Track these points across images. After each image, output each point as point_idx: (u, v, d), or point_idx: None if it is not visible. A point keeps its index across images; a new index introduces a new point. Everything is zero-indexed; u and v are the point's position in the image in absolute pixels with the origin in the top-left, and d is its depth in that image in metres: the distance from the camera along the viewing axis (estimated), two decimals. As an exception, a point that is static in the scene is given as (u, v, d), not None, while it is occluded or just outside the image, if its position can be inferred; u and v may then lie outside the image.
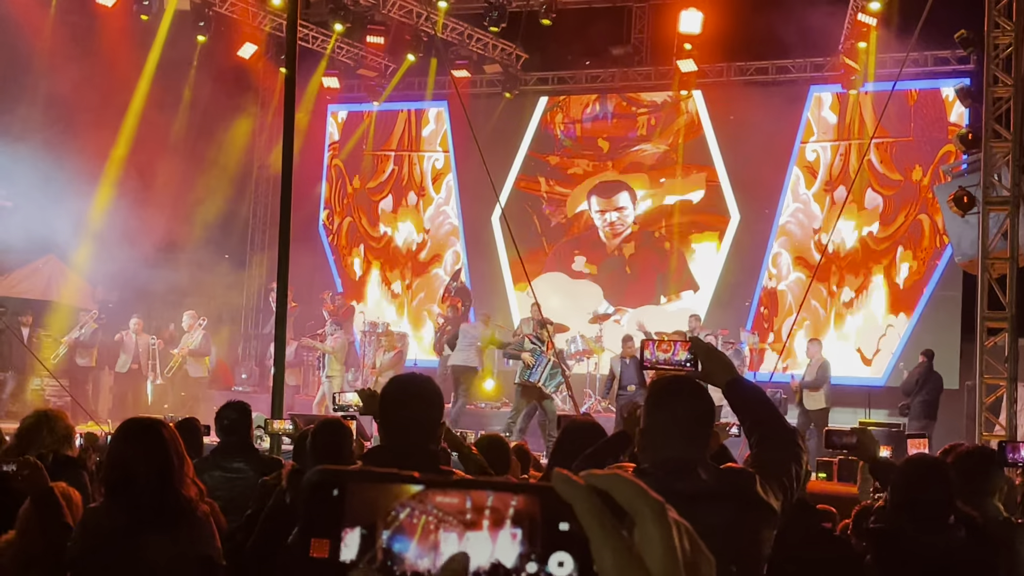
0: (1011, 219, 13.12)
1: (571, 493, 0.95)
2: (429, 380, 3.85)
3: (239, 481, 6.57)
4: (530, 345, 15.95)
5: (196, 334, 18.89)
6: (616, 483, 0.98)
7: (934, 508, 4.36)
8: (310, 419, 12.13)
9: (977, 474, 4.61)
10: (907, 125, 19.00)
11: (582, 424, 5.35)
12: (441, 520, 0.97)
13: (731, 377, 3.36)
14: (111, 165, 19.41)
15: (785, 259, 19.80)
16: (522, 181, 21.54)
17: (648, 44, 21.15)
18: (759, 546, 3.12)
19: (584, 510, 0.94)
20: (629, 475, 0.99)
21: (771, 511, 3.09)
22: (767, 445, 3.28)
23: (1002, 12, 13.45)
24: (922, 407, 15.58)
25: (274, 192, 22.02)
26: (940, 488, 4.40)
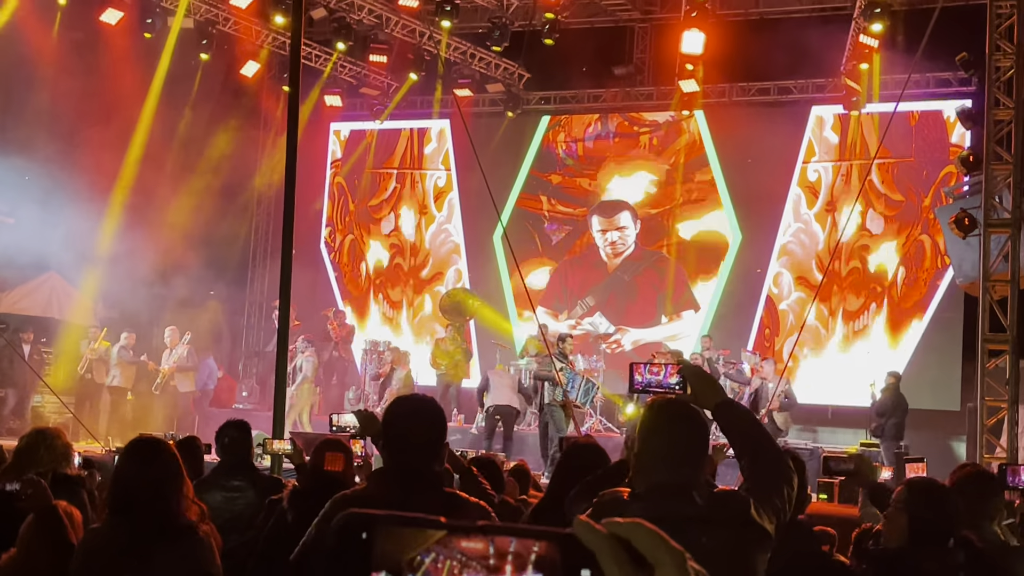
0: (1012, 241, 13.14)
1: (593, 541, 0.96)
2: (432, 400, 3.87)
3: (239, 500, 6.57)
4: (558, 364, 15.98)
5: (180, 349, 18.86)
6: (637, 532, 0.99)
7: (934, 531, 4.37)
8: (311, 439, 12.15)
9: (977, 498, 4.62)
10: (908, 146, 19.03)
11: (584, 446, 5.36)
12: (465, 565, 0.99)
13: (720, 400, 3.38)
14: (114, 183, 19.43)
15: (786, 279, 19.81)
16: (524, 199, 21.58)
17: (650, 64, 21.21)
18: (754, 569, 3.13)
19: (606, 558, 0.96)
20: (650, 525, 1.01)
21: (766, 534, 3.10)
22: (759, 468, 3.28)
23: (1003, 35, 13.51)
24: (895, 429, 15.76)
25: (275, 209, 22.07)
26: (940, 511, 4.41)
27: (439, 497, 3.61)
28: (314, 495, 3.97)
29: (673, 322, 20.38)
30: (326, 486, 4.55)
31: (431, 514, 3.15)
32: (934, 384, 18.33)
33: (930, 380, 18.38)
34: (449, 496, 3.66)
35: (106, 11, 17.76)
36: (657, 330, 20.32)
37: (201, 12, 18.93)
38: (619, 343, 20.37)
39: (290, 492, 5.28)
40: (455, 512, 3.59)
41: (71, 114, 18.48)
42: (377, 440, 5.97)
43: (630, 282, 20.87)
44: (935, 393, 18.25)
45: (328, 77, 21.23)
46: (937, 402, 18.14)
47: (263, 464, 9.63)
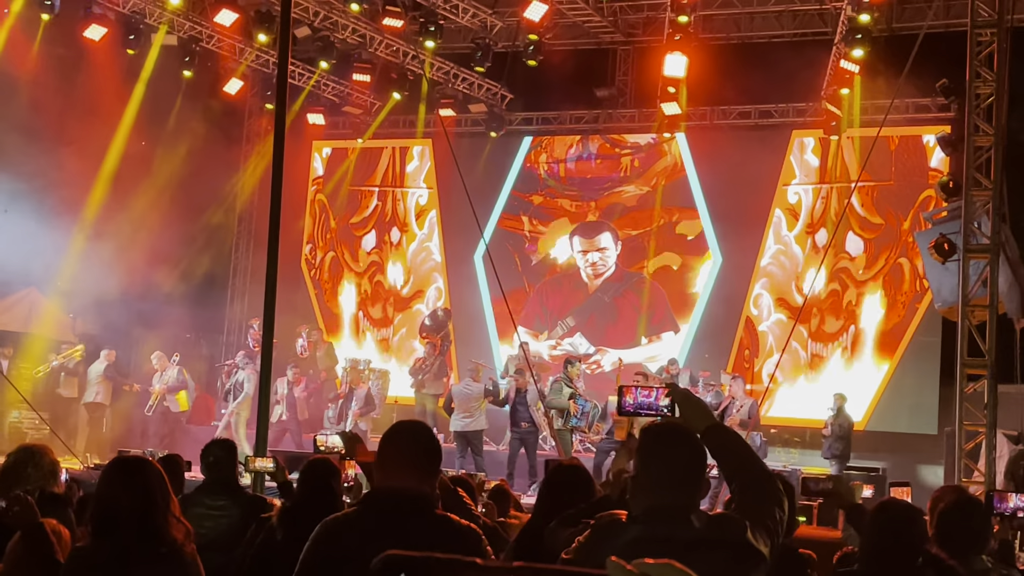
0: (991, 267, 13.24)
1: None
2: (424, 424, 3.93)
3: (223, 519, 6.56)
4: (567, 390, 15.98)
5: (170, 371, 18.78)
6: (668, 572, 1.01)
7: (902, 552, 4.43)
8: (292, 458, 12.13)
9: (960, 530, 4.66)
10: (888, 170, 19.16)
11: (567, 468, 5.38)
12: None
13: (709, 423, 3.40)
14: (94, 198, 19.37)
15: (766, 300, 19.89)
16: (505, 220, 21.62)
17: (632, 86, 21.32)
18: (750, 593, 3.14)
19: None
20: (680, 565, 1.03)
21: (761, 557, 3.12)
22: (750, 491, 3.30)
23: (983, 62, 13.63)
24: (847, 448, 16.04)
25: (256, 227, 22.06)
26: (908, 532, 4.46)
27: (432, 520, 3.62)
28: (305, 514, 3.96)
29: (653, 343, 20.42)
30: (316, 505, 4.55)
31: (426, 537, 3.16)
32: (912, 408, 18.44)
33: (908, 404, 18.50)
34: (442, 519, 3.66)
35: (90, 27, 17.74)
36: (637, 351, 20.35)
37: (185, 29, 18.93)
38: (599, 364, 20.40)
39: (280, 510, 5.27)
40: (449, 536, 3.60)
41: (53, 129, 18.42)
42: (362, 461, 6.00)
43: (610, 303, 20.92)
44: (913, 417, 18.36)
45: (311, 95, 21.23)
46: (915, 426, 18.25)
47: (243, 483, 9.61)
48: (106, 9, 17.92)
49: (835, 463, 15.89)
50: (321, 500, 5.28)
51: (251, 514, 6.24)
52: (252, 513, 6.25)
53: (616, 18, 20.27)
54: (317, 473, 5.64)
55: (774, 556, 3.19)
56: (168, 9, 18.21)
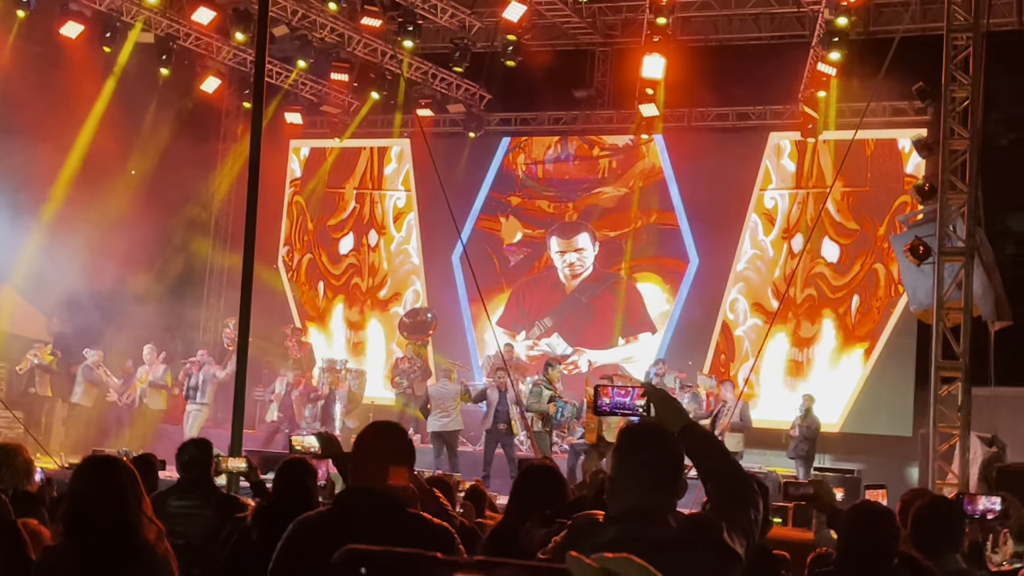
0: (966, 270, 13.30)
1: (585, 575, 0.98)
2: (399, 425, 3.93)
3: (196, 518, 6.53)
4: (547, 392, 16.00)
5: (158, 368, 18.73)
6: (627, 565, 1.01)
7: (875, 553, 4.45)
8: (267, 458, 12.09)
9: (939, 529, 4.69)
10: (864, 175, 19.23)
11: (539, 469, 5.38)
12: None
13: (685, 423, 3.40)
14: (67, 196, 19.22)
15: (742, 305, 19.94)
16: (483, 220, 21.61)
17: (610, 88, 21.35)
18: (726, 593, 3.15)
19: None
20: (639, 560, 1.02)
21: (737, 558, 3.13)
22: (725, 492, 3.31)
23: (959, 66, 13.70)
24: (812, 449, 16.15)
25: (233, 227, 21.97)
26: (881, 533, 4.49)
27: (406, 519, 3.62)
28: (280, 514, 3.96)
29: (630, 344, 20.45)
30: (291, 504, 4.54)
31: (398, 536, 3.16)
32: (887, 410, 18.52)
33: (883, 406, 18.57)
34: (415, 518, 3.66)
35: (66, 24, 17.65)
36: (614, 352, 20.39)
37: (162, 27, 18.84)
38: (576, 364, 20.41)
39: (255, 510, 5.26)
40: (422, 534, 3.60)
41: (28, 127, 18.29)
42: (338, 462, 5.99)
43: (587, 304, 20.94)
44: (888, 419, 18.44)
45: (288, 94, 21.16)
46: (890, 428, 18.33)
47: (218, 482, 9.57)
48: (83, 6, 17.84)
49: (800, 464, 15.95)
50: (296, 500, 5.26)
51: (225, 514, 6.22)
52: (226, 513, 6.23)
53: (594, 19, 20.30)
54: (292, 473, 5.63)
55: (749, 556, 3.19)
56: (145, 7, 18.13)
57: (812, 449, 16.24)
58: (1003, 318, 14.53)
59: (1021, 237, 18.84)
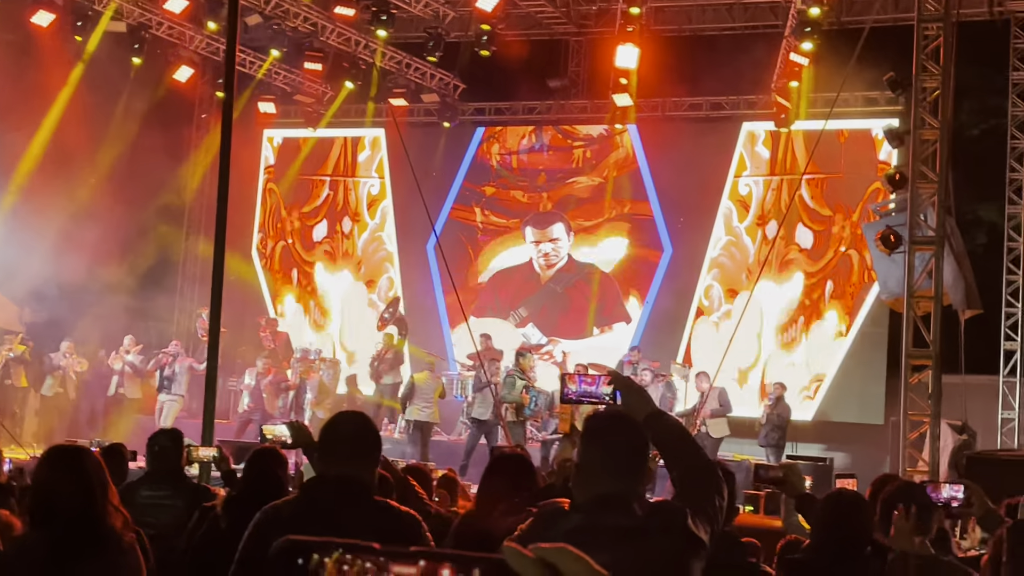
0: (936, 259, 13.38)
1: (521, 565, 0.99)
2: (365, 415, 3.99)
3: (167, 509, 6.52)
4: (520, 382, 16.02)
5: (132, 356, 18.65)
6: (563, 556, 1.03)
7: (850, 541, 4.49)
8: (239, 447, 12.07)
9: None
10: (837, 162, 19.30)
11: (510, 458, 5.40)
12: None
13: (650, 411, 3.42)
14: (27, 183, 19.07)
15: (717, 291, 20.00)
16: (457, 210, 21.60)
17: (584, 77, 21.36)
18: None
19: None
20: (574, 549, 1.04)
21: (702, 544, 3.15)
22: (690, 479, 3.33)
23: (930, 56, 13.76)
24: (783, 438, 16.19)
25: (206, 216, 21.87)
26: (856, 522, 4.52)
27: (372, 507, 3.63)
28: (249, 503, 3.96)
29: (604, 334, 20.49)
30: (261, 494, 4.54)
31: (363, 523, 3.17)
32: (859, 398, 18.62)
33: (855, 394, 18.66)
34: (382, 506, 3.68)
35: (37, 13, 17.52)
36: (589, 342, 20.42)
37: (134, 16, 18.73)
38: (551, 354, 20.43)
39: (224, 499, 5.26)
40: (388, 522, 3.62)
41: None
42: (308, 451, 5.99)
43: (562, 294, 20.97)
44: (860, 407, 18.53)
45: (262, 83, 21.08)
46: (862, 416, 18.42)
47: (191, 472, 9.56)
48: (54, -5, 17.72)
49: (772, 452, 16.01)
50: (266, 489, 5.26)
51: (196, 504, 6.21)
52: (197, 503, 6.22)
53: (568, 9, 20.29)
54: (263, 462, 5.63)
55: (714, 543, 3.22)
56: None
57: (783, 438, 16.28)
58: (973, 307, 14.64)
59: (992, 226, 18.96)
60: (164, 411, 17.82)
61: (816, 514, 4.84)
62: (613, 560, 3.08)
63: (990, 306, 16.28)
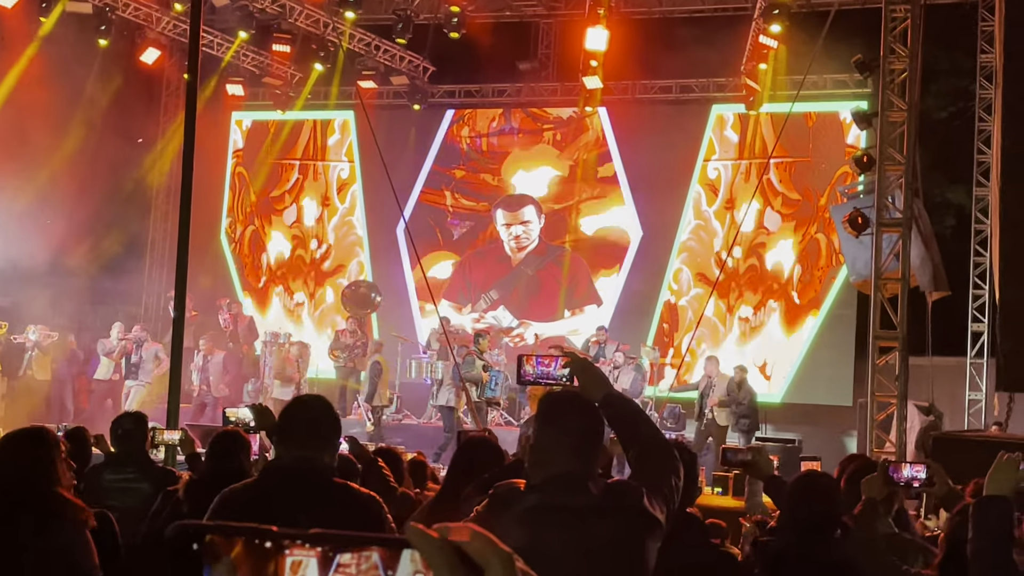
0: (903, 240, 13.45)
1: (425, 547, 0.99)
2: (323, 398, 3.97)
3: (131, 492, 6.50)
4: (479, 362, 16.03)
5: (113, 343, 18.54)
6: (467, 535, 1.02)
7: (820, 523, 4.50)
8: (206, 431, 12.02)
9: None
10: (806, 146, 19.38)
11: (479, 441, 5.40)
12: None
13: (606, 392, 3.43)
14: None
15: (686, 275, 20.06)
16: (427, 194, 21.55)
17: (554, 60, 21.35)
18: (646, 557, 3.18)
19: (437, 563, 0.99)
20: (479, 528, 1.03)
21: (657, 523, 3.16)
22: (646, 459, 3.35)
23: (897, 38, 13.80)
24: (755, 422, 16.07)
25: (174, 200, 21.70)
26: (826, 504, 4.54)
27: (330, 489, 3.63)
28: (212, 486, 3.95)
29: (575, 316, 20.52)
30: (223, 477, 4.53)
31: (321, 506, 3.15)
32: (828, 380, 18.72)
33: (824, 376, 18.77)
34: (341, 487, 3.67)
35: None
36: (560, 324, 20.45)
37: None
38: (522, 337, 20.46)
39: (186, 483, 5.24)
40: (347, 504, 3.61)
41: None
42: (271, 434, 5.97)
43: (533, 276, 20.98)
44: (829, 389, 18.64)
45: (230, 66, 20.94)
46: (831, 398, 18.53)
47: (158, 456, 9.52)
48: (18, -24, 17.55)
49: (742, 437, 15.87)
50: (229, 473, 5.24)
51: (161, 486, 6.19)
52: (162, 485, 6.20)
53: (538, -9, 20.26)
54: (225, 446, 5.61)
55: (671, 522, 3.23)
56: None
57: (754, 422, 16.11)
58: (940, 288, 14.74)
59: (959, 209, 19.10)
60: (131, 396, 17.72)
61: (786, 495, 4.85)
62: (568, 539, 3.10)
63: (957, 288, 16.39)
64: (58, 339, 18.72)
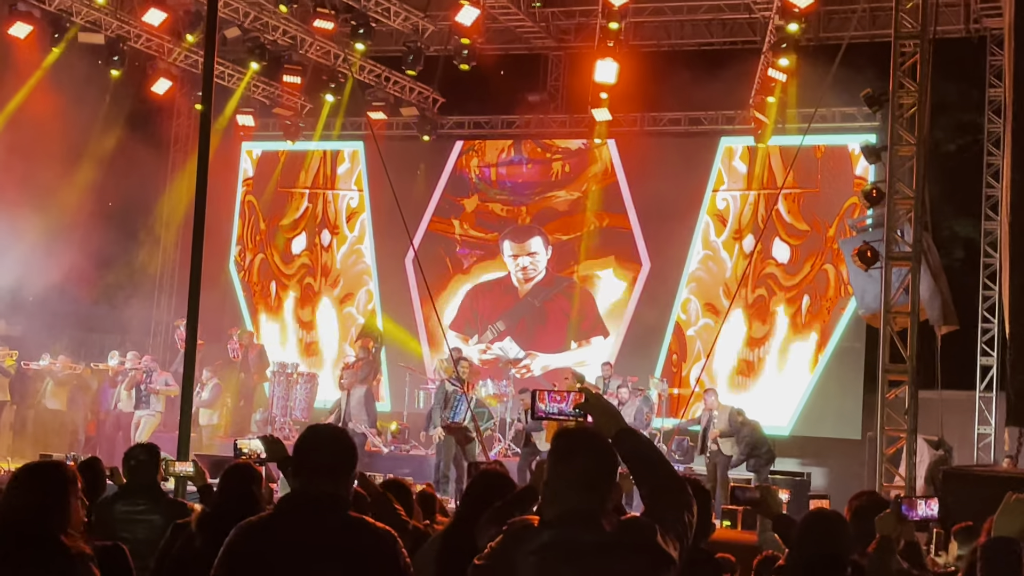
0: (912, 274, 13.43)
1: None
2: (342, 430, 3.93)
3: (144, 523, 6.50)
4: (450, 387, 15.97)
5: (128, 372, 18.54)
6: None
7: (829, 564, 4.50)
8: (217, 462, 12.02)
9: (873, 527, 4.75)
10: (814, 177, 19.41)
11: (491, 474, 5.40)
12: None
13: (619, 428, 3.44)
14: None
15: (694, 305, 20.05)
16: (436, 223, 21.60)
17: (563, 92, 21.43)
18: (661, 595, 3.18)
19: None
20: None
21: (671, 560, 3.17)
22: (659, 495, 3.35)
23: (906, 73, 13.83)
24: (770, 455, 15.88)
25: (183, 229, 21.79)
26: (834, 544, 4.54)
27: (347, 523, 3.62)
28: (224, 519, 3.95)
29: (582, 348, 20.51)
30: (236, 510, 4.53)
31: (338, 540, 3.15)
32: (836, 413, 18.67)
33: (833, 409, 18.72)
34: (357, 522, 3.67)
35: (14, 25, 17.45)
36: (566, 355, 20.43)
37: (112, 28, 18.67)
38: (528, 368, 20.44)
39: (199, 516, 5.24)
40: (363, 539, 3.61)
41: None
42: (283, 466, 5.98)
43: (540, 308, 20.98)
44: (837, 422, 18.59)
45: (240, 96, 21.03)
46: (839, 431, 18.48)
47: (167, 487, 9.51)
48: (31, 7, 17.63)
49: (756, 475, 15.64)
50: (241, 505, 5.24)
51: (172, 519, 6.19)
52: (173, 518, 6.20)
53: (548, 23, 20.36)
54: (237, 478, 5.60)
55: (684, 559, 3.23)
56: (95, 7, 17.95)
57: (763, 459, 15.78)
58: (950, 322, 14.70)
59: (968, 242, 19.08)
60: (141, 426, 17.72)
61: (795, 535, 4.84)
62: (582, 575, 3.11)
63: (966, 322, 16.36)
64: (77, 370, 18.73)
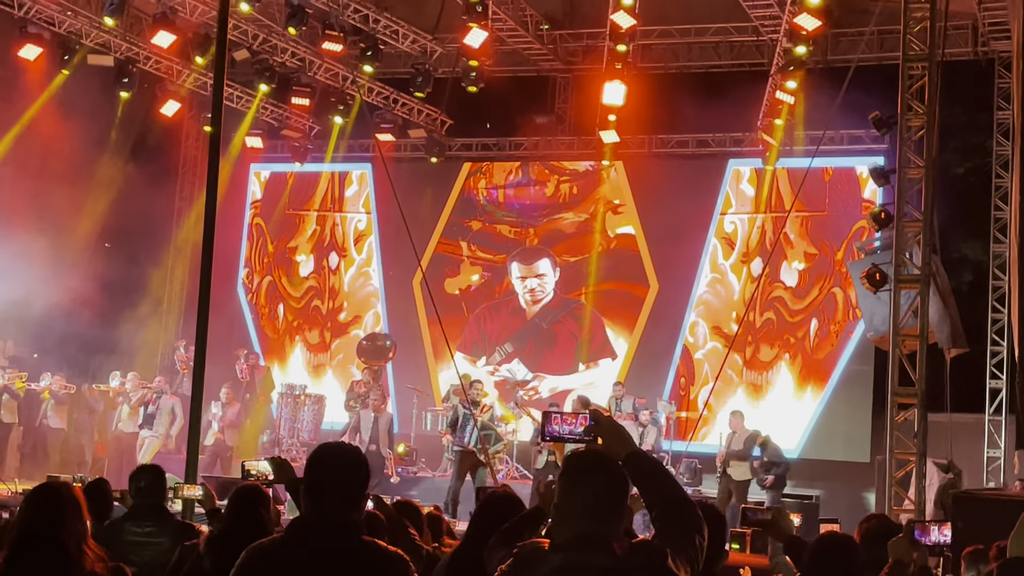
0: (921, 297, 13.38)
1: None
2: (355, 449, 3.87)
3: (151, 546, 6.48)
4: (462, 410, 16.00)
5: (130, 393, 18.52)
6: None
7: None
8: (224, 483, 12.00)
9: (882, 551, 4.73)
10: (823, 200, 19.40)
11: (500, 496, 5.37)
12: None
13: (630, 450, 3.42)
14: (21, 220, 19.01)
15: (702, 328, 20.02)
16: (444, 244, 21.61)
17: (571, 114, 21.46)
18: (671, 620, 3.16)
19: None
20: None
21: (683, 584, 3.14)
22: (670, 518, 3.32)
23: (915, 95, 13.81)
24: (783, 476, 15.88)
25: (191, 250, 21.83)
26: (847, 567, 4.51)
27: (360, 547, 3.59)
28: (232, 541, 3.93)
29: (590, 370, 20.48)
30: (245, 532, 4.50)
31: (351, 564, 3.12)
32: (845, 436, 18.62)
33: (841, 432, 18.67)
34: (371, 546, 3.63)
35: (24, 47, 17.52)
36: (574, 377, 20.41)
37: (122, 50, 18.73)
38: (536, 390, 20.41)
39: (207, 538, 5.21)
40: (376, 563, 3.58)
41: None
42: (291, 487, 5.95)
43: (548, 329, 20.96)
44: (846, 445, 18.54)
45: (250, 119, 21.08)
46: (848, 454, 18.42)
47: (175, 509, 9.49)
48: (41, 29, 17.70)
49: (769, 493, 15.70)
50: (249, 527, 5.22)
51: (180, 541, 6.17)
52: (181, 540, 6.18)
53: (556, 46, 20.42)
54: (245, 500, 5.58)
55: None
56: (105, 29, 18.01)
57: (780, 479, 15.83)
58: (959, 345, 14.64)
59: (977, 265, 19.03)
60: (144, 447, 17.70)
61: (807, 557, 4.82)
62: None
63: (976, 345, 16.31)
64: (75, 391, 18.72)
